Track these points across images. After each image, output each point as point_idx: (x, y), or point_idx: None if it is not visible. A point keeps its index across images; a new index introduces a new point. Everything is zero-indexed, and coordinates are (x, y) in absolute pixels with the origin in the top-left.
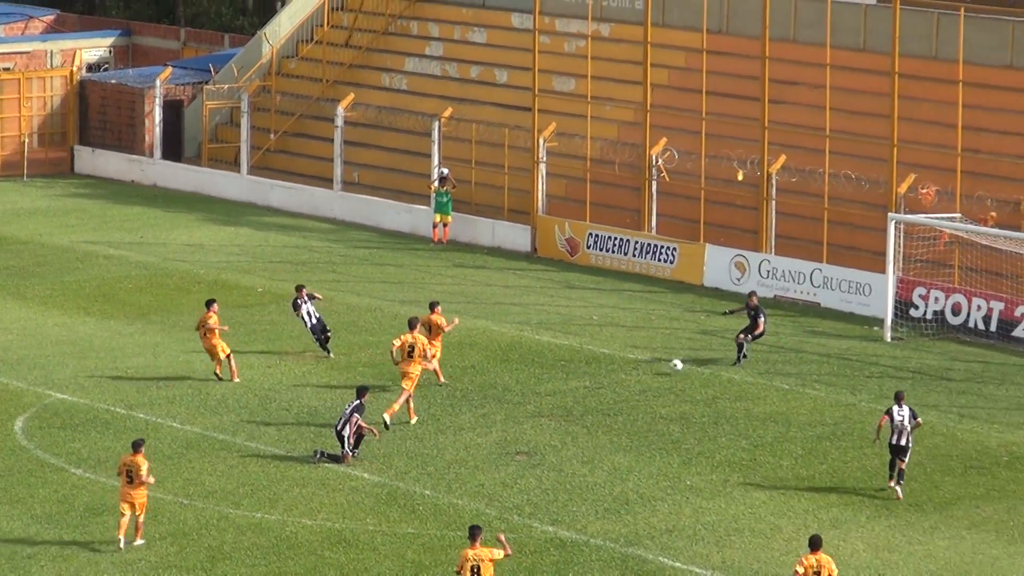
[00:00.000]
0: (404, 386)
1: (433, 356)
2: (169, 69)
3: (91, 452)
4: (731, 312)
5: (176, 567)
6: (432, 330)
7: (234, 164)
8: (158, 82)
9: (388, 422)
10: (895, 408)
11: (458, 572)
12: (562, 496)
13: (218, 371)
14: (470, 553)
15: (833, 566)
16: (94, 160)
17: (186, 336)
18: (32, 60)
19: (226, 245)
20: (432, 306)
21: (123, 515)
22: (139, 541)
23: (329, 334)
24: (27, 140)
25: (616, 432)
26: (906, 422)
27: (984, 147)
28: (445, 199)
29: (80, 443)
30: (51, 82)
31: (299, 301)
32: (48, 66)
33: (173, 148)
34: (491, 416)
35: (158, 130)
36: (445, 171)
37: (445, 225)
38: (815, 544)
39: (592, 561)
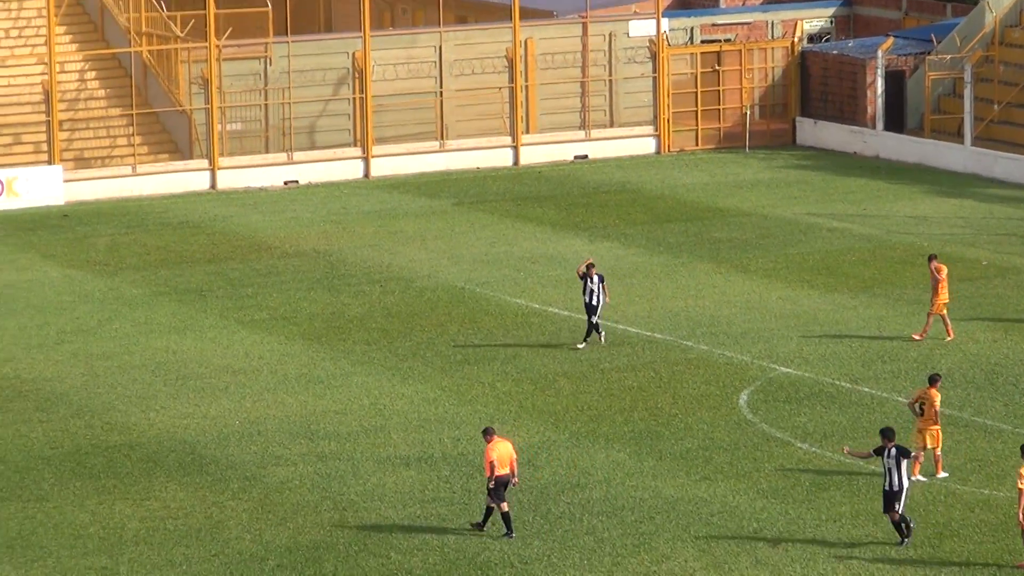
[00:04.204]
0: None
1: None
2: (891, 39)
3: (816, 426)
4: None
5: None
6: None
7: (957, 135)
8: (880, 53)
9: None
10: None
11: None
12: None
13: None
14: None
15: None
16: (816, 132)
17: (909, 310)
18: (753, 31)
19: (949, 217)
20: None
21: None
22: (941, 474)
23: (596, 320)
24: (748, 112)
25: None
26: None
27: None
28: None
29: (805, 417)
30: (772, 53)
31: (586, 277)
32: (769, 37)
33: (895, 119)
34: None
35: (880, 101)
36: None
37: None
38: None
39: None
